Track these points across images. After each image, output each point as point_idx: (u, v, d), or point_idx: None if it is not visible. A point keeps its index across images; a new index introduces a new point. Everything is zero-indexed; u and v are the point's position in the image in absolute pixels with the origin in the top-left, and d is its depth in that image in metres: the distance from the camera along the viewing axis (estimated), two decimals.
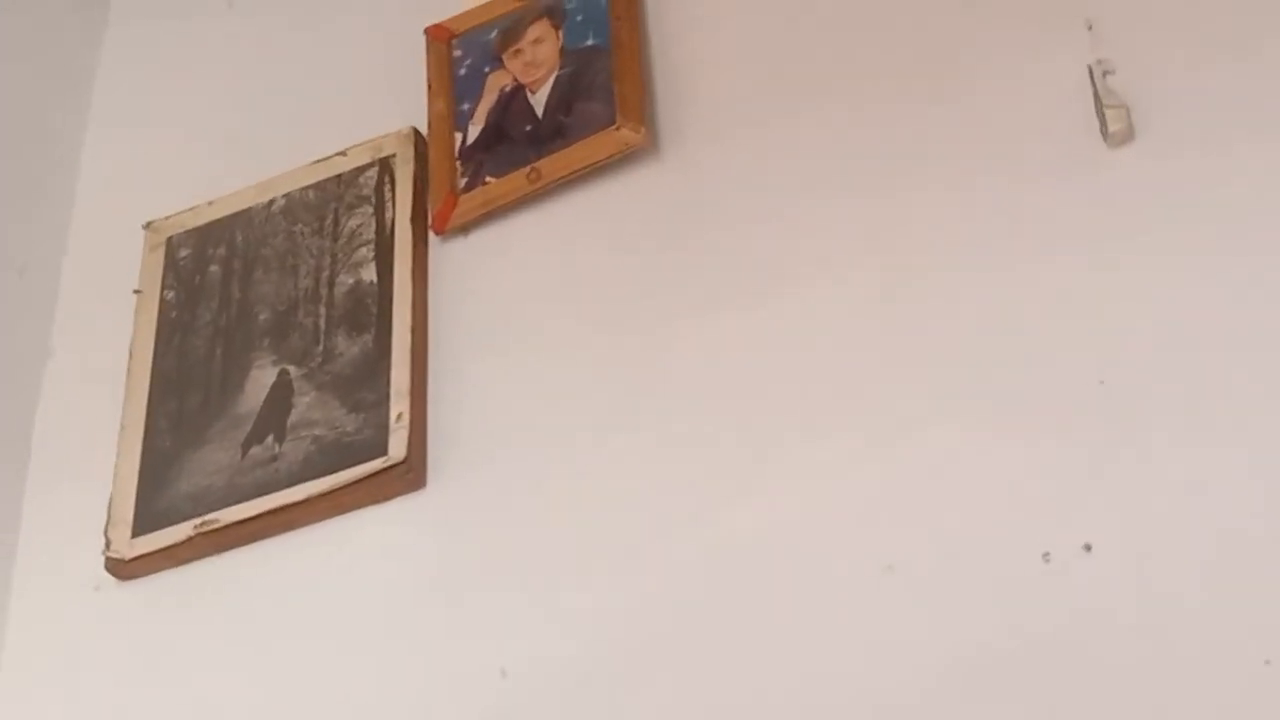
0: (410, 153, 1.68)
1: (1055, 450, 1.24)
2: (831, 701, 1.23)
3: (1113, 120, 1.34)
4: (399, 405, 1.51)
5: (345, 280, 1.64)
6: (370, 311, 1.60)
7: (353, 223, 1.67)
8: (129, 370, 1.68)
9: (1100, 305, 1.28)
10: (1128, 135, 1.34)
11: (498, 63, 1.70)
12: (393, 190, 1.67)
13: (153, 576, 1.56)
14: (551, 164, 1.58)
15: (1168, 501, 1.19)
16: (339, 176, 1.71)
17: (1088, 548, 1.19)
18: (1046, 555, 1.20)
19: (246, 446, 1.57)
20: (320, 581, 1.49)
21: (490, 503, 1.45)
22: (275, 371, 1.61)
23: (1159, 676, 1.13)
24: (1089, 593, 1.18)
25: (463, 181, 1.63)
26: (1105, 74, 1.37)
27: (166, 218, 1.77)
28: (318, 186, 1.72)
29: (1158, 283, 1.27)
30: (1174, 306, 1.26)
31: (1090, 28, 1.41)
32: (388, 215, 1.65)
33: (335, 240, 1.67)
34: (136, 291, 1.74)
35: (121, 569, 1.56)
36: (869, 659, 1.23)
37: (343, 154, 1.72)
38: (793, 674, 1.25)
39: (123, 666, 1.53)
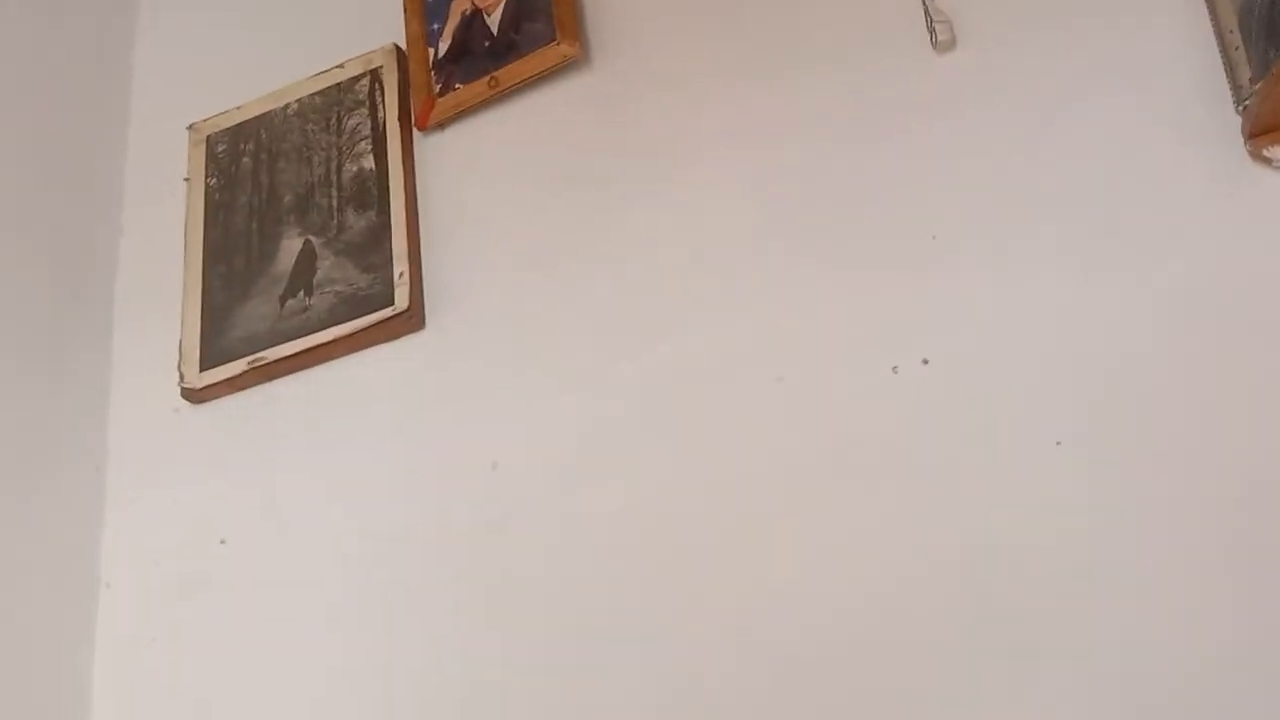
0: (394, 64, 1.58)
1: (900, 289, 1.22)
2: (729, 479, 1.23)
3: (940, 31, 1.29)
4: (400, 265, 1.45)
5: (350, 168, 1.55)
6: (372, 192, 1.52)
7: (352, 122, 1.58)
8: (185, 242, 1.60)
9: (931, 176, 1.25)
10: (951, 44, 1.29)
11: None
12: (382, 95, 1.57)
13: (217, 401, 1.51)
14: (507, 73, 1.49)
15: (980, 325, 1.18)
16: (339, 85, 1.61)
17: (925, 361, 1.19)
18: (895, 368, 1.20)
19: (283, 300, 1.51)
20: (345, 402, 1.45)
21: (476, 338, 1.41)
22: (301, 241, 1.54)
23: (973, 460, 1.14)
24: (926, 396, 1.18)
25: (438, 87, 1.54)
26: None
27: (205, 120, 1.66)
28: (322, 93, 1.61)
29: (975, 155, 1.24)
30: (986, 174, 1.23)
31: None
32: (380, 115, 1.56)
33: (339, 136, 1.58)
34: (185, 180, 1.64)
35: (193, 395, 1.52)
36: (759, 451, 1.23)
37: (340, 66, 1.61)
38: (710, 464, 1.25)
39: (197, 468, 1.50)
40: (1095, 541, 1.08)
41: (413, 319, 1.44)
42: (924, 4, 1.31)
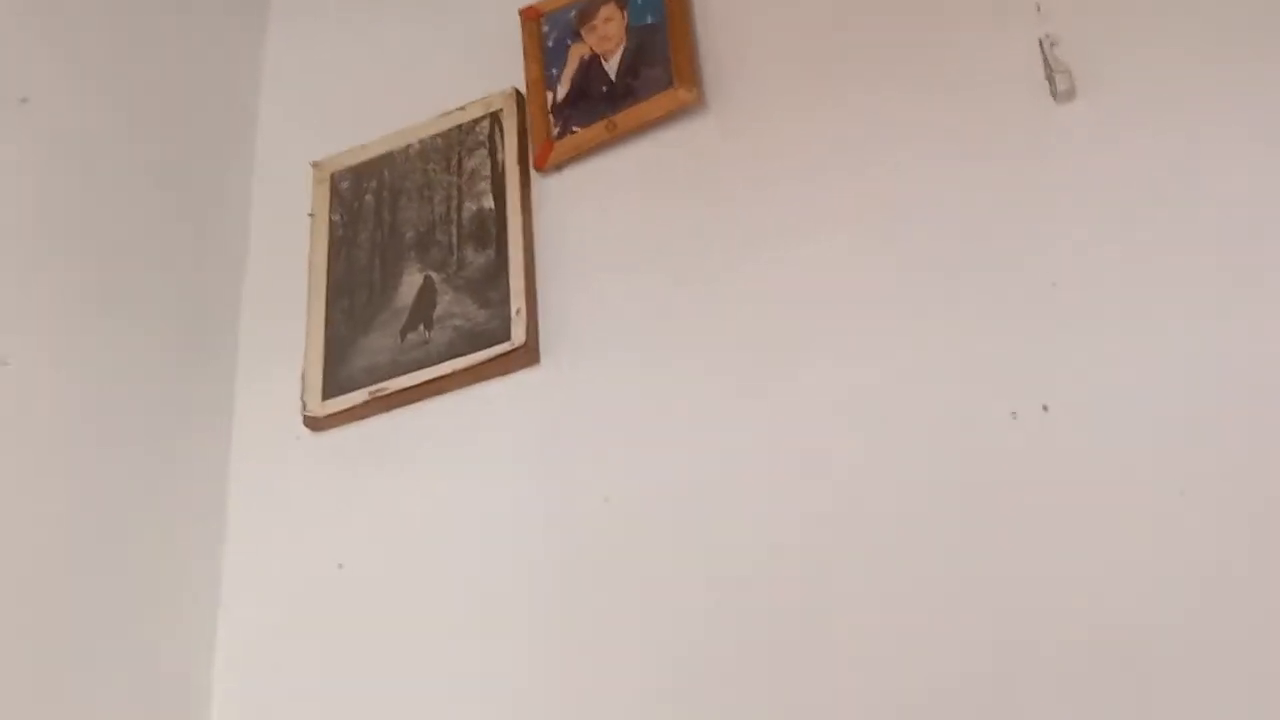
0: (514, 107, 1.62)
1: (1020, 335, 1.22)
2: (846, 519, 1.23)
3: (1060, 81, 1.30)
4: (517, 302, 1.49)
5: (470, 207, 1.59)
6: (490, 231, 1.56)
7: (472, 162, 1.62)
8: (309, 276, 1.65)
9: (1053, 224, 1.25)
10: (1071, 94, 1.29)
11: (577, 36, 1.63)
12: (502, 137, 1.61)
13: (338, 430, 1.55)
14: (624, 118, 1.53)
15: (1101, 372, 1.18)
16: (460, 126, 1.65)
17: (1045, 408, 1.18)
18: (1014, 414, 1.19)
19: (404, 333, 1.55)
20: (462, 433, 1.48)
21: (590, 374, 1.44)
22: (421, 277, 1.58)
23: (1093, 506, 1.13)
24: (1045, 443, 1.17)
25: (555, 130, 1.58)
26: (1052, 45, 1.32)
27: (329, 158, 1.72)
28: (444, 134, 1.66)
29: (1098, 204, 1.24)
30: (1110, 222, 1.23)
31: (1039, 9, 1.35)
32: (499, 157, 1.60)
33: (460, 176, 1.62)
34: (310, 215, 1.70)
35: (315, 424, 1.56)
36: (877, 491, 1.23)
37: (461, 109, 1.66)
38: (824, 505, 1.25)
39: (317, 494, 1.53)
40: (1219, 591, 1.06)
41: (528, 354, 1.46)
42: (1044, 55, 1.32)
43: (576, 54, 1.62)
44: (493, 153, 1.61)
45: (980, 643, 1.12)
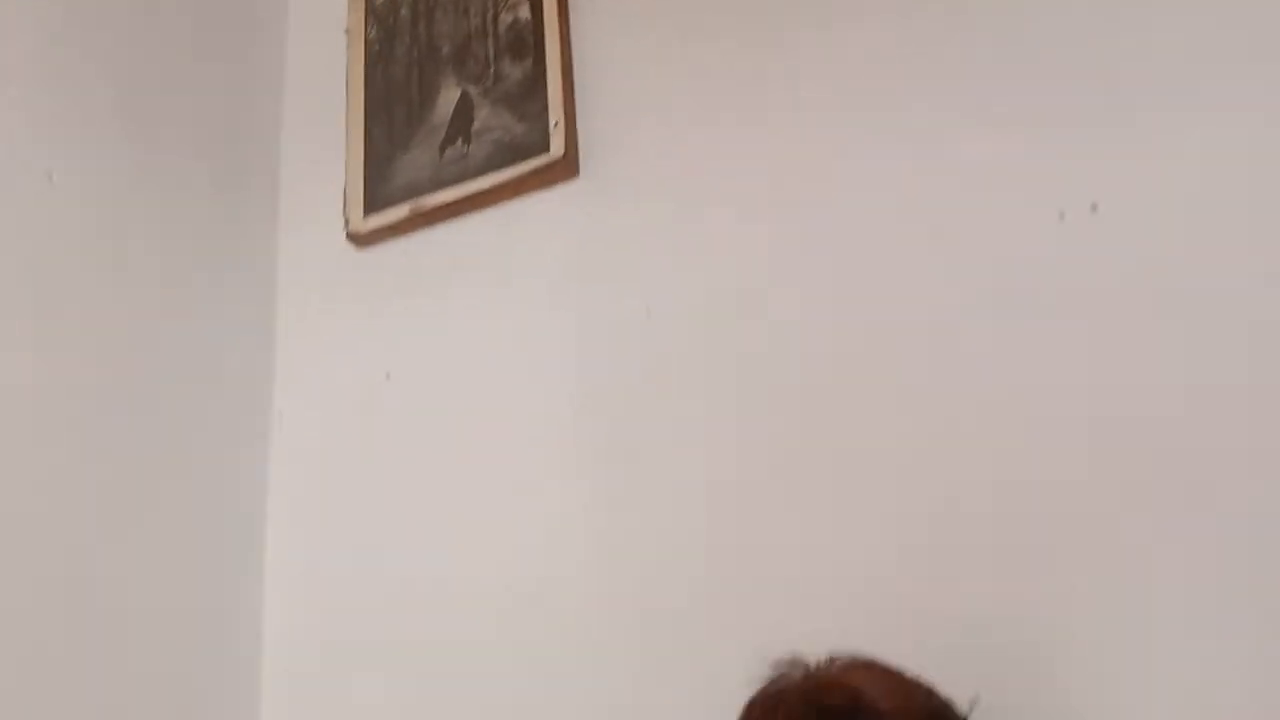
0: None
1: (1069, 132, 1.18)
2: (887, 326, 1.22)
3: None
4: (555, 114, 1.46)
5: (506, 18, 1.56)
6: (527, 42, 1.53)
7: None
8: (347, 94, 1.64)
9: (1106, 21, 1.19)
10: None
11: None
12: None
13: (380, 245, 1.56)
14: None
15: (1153, 170, 1.14)
16: None
17: (1094, 207, 1.15)
18: (1062, 214, 1.17)
19: (443, 148, 1.54)
20: (503, 247, 1.48)
21: (630, 185, 1.42)
22: (458, 91, 1.56)
23: (1140, 309, 1.11)
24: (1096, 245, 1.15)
25: None
26: None
27: None
28: None
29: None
30: (1167, 17, 1.17)
31: None
32: None
33: None
34: (346, 32, 1.67)
35: (359, 240, 1.57)
36: (918, 295, 1.21)
37: None
38: (864, 312, 1.23)
39: (364, 308, 1.56)
40: (1260, 386, 1.05)
41: (568, 166, 1.45)
42: None
43: None
44: None
45: (1019, 450, 1.12)
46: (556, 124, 1.46)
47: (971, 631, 1.06)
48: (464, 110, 1.55)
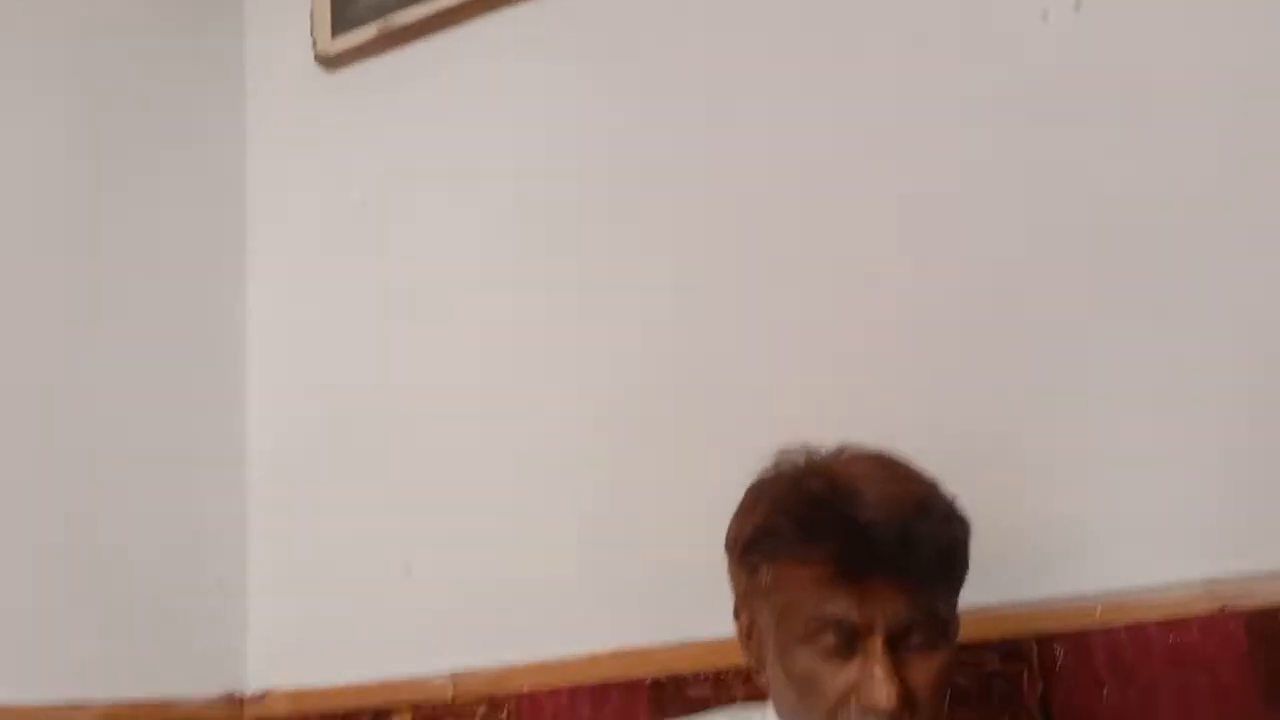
0: None
1: None
2: (858, 122, 1.20)
3: None
4: None
5: None
6: None
7: None
8: None
9: None
10: None
11: None
12: None
13: (351, 67, 1.52)
14: None
15: None
16: None
17: (1076, 7, 1.11)
18: (1045, 14, 1.13)
19: None
20: (474, 66, 1.45)
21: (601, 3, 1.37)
22: None
23: (1123, 109, 1.09)
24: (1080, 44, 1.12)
25: None
26: None
27: None
28: None
29: None
30: None
31: None
32: None
33: None
34: None
35: (328, 62, 1.53)
36: (895, 93, 1.19)
37: None
38: (825, 106, 1.22)
39: (336, 132, 1.53)
40: (1235, 186, 1.04)
41: None
42: None
43: None
44: None
45: (1012, 230, 1.11)
46: None
47: (937, 434, 1.06)
48: None
